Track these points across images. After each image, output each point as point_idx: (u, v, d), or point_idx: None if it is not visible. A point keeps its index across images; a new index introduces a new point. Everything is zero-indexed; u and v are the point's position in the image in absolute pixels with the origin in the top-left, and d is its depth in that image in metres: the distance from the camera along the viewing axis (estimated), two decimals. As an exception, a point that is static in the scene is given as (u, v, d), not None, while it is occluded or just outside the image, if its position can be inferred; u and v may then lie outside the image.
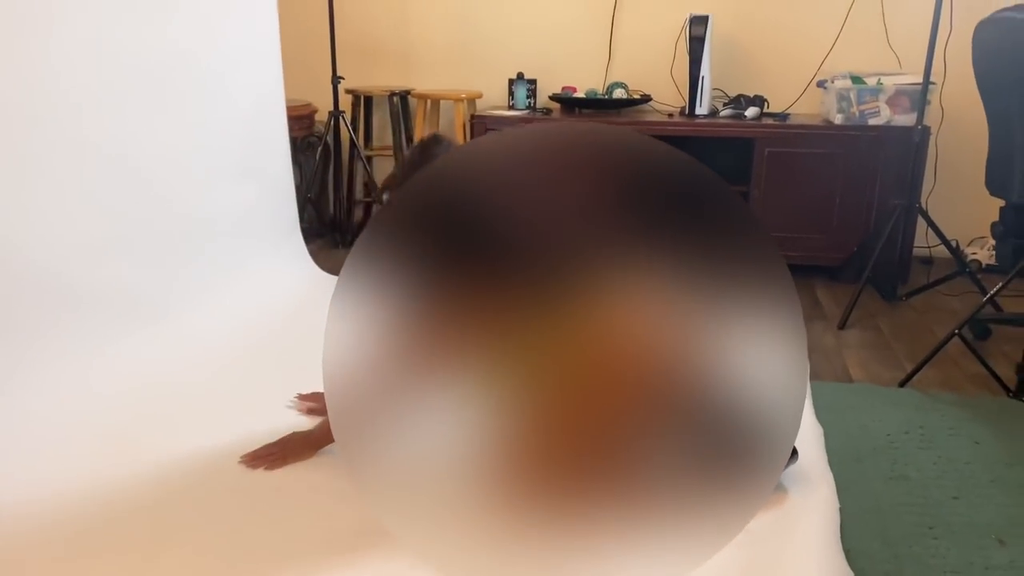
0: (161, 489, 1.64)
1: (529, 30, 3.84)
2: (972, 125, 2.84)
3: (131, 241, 2.28)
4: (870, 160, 3.21)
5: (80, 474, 1.69)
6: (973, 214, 3.30)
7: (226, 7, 2.69)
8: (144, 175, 2.32)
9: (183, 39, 2.47)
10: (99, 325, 2.14)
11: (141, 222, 2.32)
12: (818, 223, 3.27)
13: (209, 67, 2.60)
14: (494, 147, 1.20)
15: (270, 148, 3.03)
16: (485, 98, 3.86)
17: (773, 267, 1.13)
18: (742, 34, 3.65)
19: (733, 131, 3.32)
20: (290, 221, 3.20)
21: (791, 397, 1.16)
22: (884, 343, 2.69)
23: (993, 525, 1.63)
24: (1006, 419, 2.12)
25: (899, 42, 3.47)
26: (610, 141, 1.17)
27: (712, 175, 1.12)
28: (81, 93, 2.08)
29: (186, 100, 2.50)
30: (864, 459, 1.89)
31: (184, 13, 2.47)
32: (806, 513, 1.60)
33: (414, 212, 1.13)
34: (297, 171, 3.68)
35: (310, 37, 3.78)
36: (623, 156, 1.15)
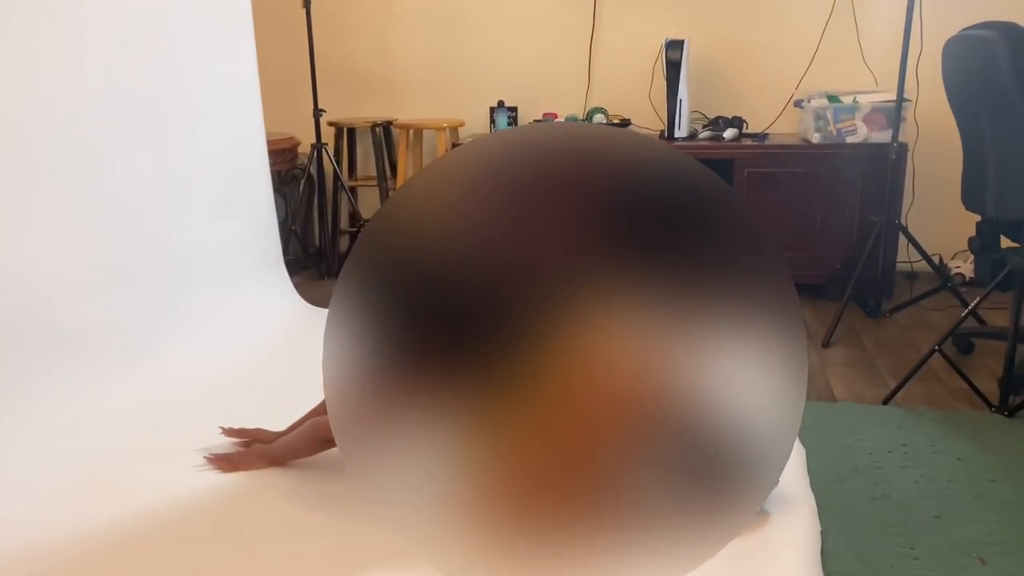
0: (151, 526, 1.63)
1: (509, 58, 3.88)
2: (948, 141, 2.86)
3: (113, 281, 2.28)
4: (849, 178, 3.23)
5: (69, 514, 1.68)
6: (955, 228, 3.31)
7: (204, 44, 2.71)
8: (125, 213, 2.33)
9: (161, 77, 2.48)
10: (85, 364, 2.14)
11: (123, 261, 2.32)
12: (800, 242, 3.29)
13: (188, 104, 2.62)
14: (456, 170, 1.14)
15: (251, 182, 3.04)
16: (467, 126, 3.89)
17: (779, 289, 1.08)
18: (719, 56, 3.69)
19: (712, 153, 3.34)
20: (274, 254, 3.20)
21: (783, 428, 1.14)
22: (868, 360, 2.70)
23: (975, 544, 1.63)
24: (989, 434, 2.12)
25: (874, 60, 3.51)
26: (587, 147, 1.11)
27: (708, 177, 1.05)
28: (62, 133, 2.09)
29: (166, 138, 2.51)
30: (846, 480, 1.89)
31: (162, 50, 2.49)
32: (787, 536, 1.59)
33: (375, 266, 1.11)
34: (281, 203, 3.69)
35: (291, 70, 3.81)
36: (603, 164, 1.10)
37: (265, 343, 2.72)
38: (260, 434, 1.97)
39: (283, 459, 1.85)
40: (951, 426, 2.16)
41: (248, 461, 1.86)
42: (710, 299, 1.09)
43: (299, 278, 3.65)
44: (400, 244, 1.11)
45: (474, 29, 3.88)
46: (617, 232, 1.08)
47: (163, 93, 2.48)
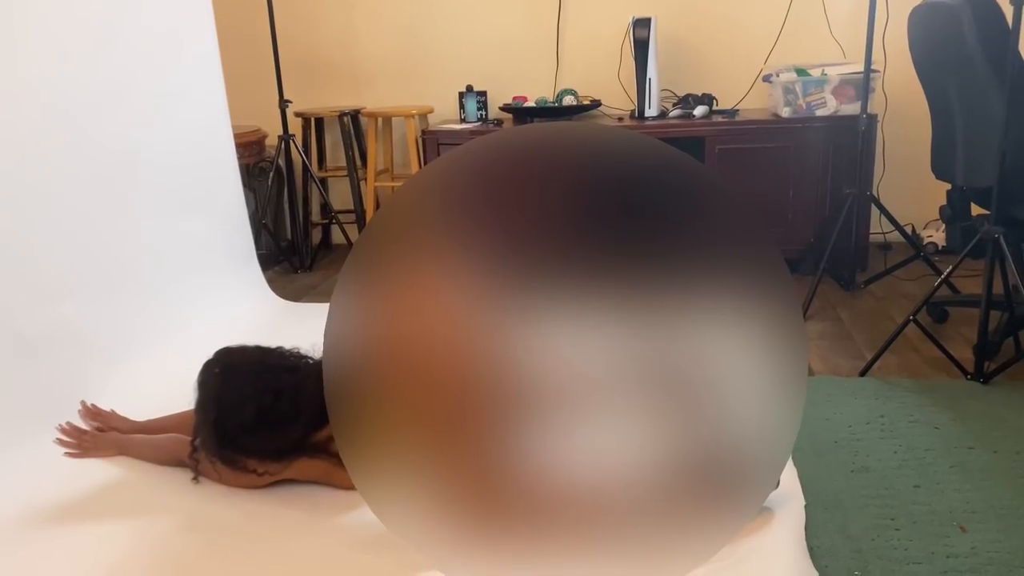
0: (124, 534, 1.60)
1: (476, 42, 3.84)
2: (916, 110, 2.86)
3: (79, 283, 2.23)
4: (820, 151, 3.24)
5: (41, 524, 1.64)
6: (926, 197, 3.32)
7: (163, 38, 2.65)
8: (89, 214, 2.28)
9: (121, 74, 2.42)
10: (52, 371, 2.09)
11: (87, 263, 2.27)
12: (773, 217, 3.29)
13: (150, 100, 2.56)
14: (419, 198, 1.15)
15: (219, 178, 2.99)
16: (436, 112, 3.84)
17: (773, 280, 1.08)
18: (686, 33, 3.67)
19: (683, 131, 3.32)
20: (246, 250, 3.15)
21: (784, 423, 1.14)
22: (844, 333, 2.71)
23: (955, 512, 1.64)
24: (965, 402, 2.14)
25: (841, 32, 3.51)
26: (554, 143, 1.12)
27: (679, 158, 1.04)
28: (17, 132, 2.04)
29: (128, 136, 2.46)
30: (826, 453, 1.89)
31: (121, 47, 2.42)
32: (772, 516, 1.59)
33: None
34: (251, 197, 3.64)
35: (254, 60, 3.74)
36: (581, 156, 1.09)
37: (240, 339, 2.66)
38: (116, 421, 1.95)
39: (135, 455, 1.83)
40: (928, 395, 2.18)
41: (100, 447, 1.85)
42: (698, 277, 1.07)
43: (272, 272, 3.60)
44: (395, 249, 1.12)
45: (440, 13, 3.84)
46: (600, 219, 1.07)
47: (120, 90, 2.42)
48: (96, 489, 1.77)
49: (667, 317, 1.06)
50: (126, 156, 2.45)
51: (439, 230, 1.12)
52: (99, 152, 2.33)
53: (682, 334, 1.06)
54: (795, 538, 1.54)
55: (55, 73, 2.17)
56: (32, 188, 2.09)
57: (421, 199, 1.14)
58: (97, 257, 2.31)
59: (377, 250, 1.14)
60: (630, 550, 1.14)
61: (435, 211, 1.13)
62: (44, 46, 2.14)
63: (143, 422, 1.95)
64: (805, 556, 1.50)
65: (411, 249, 1.12)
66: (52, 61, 2.16)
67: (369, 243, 1.15)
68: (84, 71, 2.27)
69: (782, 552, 1.49)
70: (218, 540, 1.55)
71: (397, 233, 1.13)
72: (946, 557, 1.50)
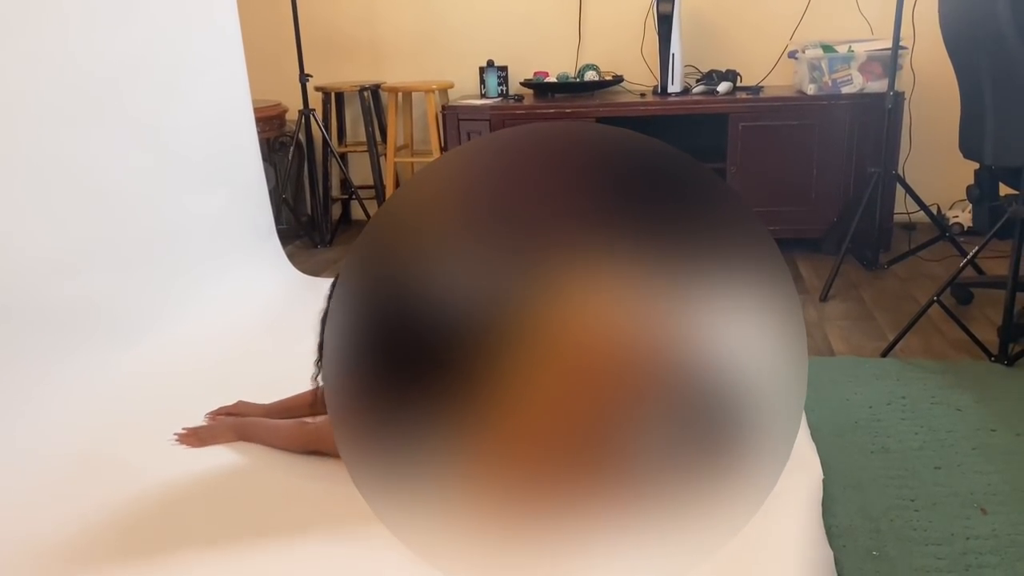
0: (148, 503, 1.63)
1: (498, 17, 3.80)
2: (945, 88, 2.82)
3: (101, 256, 2.25)
4: (845, 129, 3.19)
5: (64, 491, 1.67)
6: (953, 177, 3.27)
7: (185, 13, 2.65)
8: (109, 188, 2.29)
9: (142, 48, 2.43)
10: (76, 342, 2.12)
11: (109, 237, 2.29)
12: (796, 196, 3.26)
13: (170, 75, 2.56)
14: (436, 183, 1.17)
15: (240, 152, 3.00)
16: (457, 88, 3.83)
17: (758, 242, 1.11)
18: (711, 8, 3.62)
19: (706, 108, 3.29)
20: (266, 225, 3.16)
21: (789, 378, 1.13)
22: (866, 313, 2.68)
23: (975, 494, 1.63)
24: (988, 384, 2.11)
25: (869, 7, 3.44)
26: (562, 138, 1.15)
27: (669, 149, 1.09)
28: (39, 106, 2.05)
29: (148, 110, 2.47)
30: (846, 433, 1.88)
31: (142, 21, 2.43)
32: (789, 491, 1.59)
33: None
34: (271, 172, 3.65)
35: (276, 36, 3.74)
36: (579, 148, 1.14)
37: (260, 314, 2.70)
38: (241, 407, 1.95)
39: (255, 440, 1.82)
40: (950, 377, 2.15)
41: (215, 435, 1.84)
42: (695, 258, 1.09)
43: (292, 247, 3.62)
44: (398, 244, 1.12)
45: (461, -13, 3.81)
46: (600, 201, 1.11)
47: (143, 64, 2.43)
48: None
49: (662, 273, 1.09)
50: (147, 131, 2.46)
51: (453, 216, 1.13)
52: (120, 127, 2.34)
53: (670, 292, 1.09)
54: (812, 516, 1.54)
55: (77, 48, 2.18)
56: (54, 161, 2.10)
57: (437, 187, 1.15)
58: (117, 231, 2.33)
59: (388, 233, 1.14)
60: (648, 529, 1.14)
61: (451, 197, 1.14)
62: (66, 20, 2.14)
63: (268, 405, 1.94)
64: (822, 535, 1.49)
65: (424, 234, 1.12)
66: (74, 36, 2.17)
67: (380, 226, 1.15)
68: (105, 46, 2.28)
69: (798, 530, 1.49)
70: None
71: (409, 217, 1.13)
72: (966, 539, 1.49)
